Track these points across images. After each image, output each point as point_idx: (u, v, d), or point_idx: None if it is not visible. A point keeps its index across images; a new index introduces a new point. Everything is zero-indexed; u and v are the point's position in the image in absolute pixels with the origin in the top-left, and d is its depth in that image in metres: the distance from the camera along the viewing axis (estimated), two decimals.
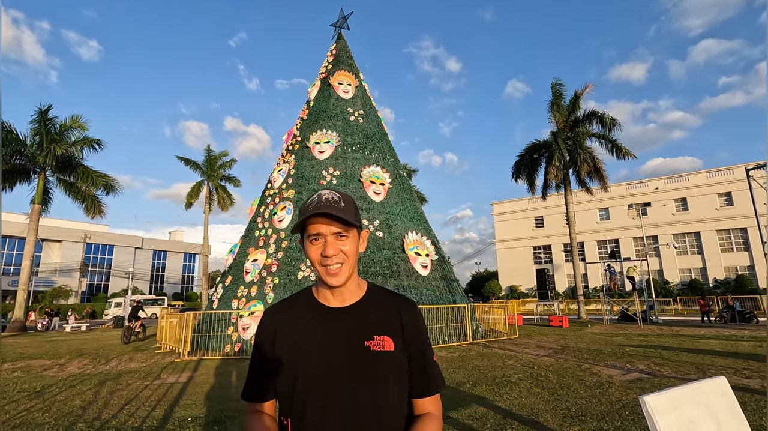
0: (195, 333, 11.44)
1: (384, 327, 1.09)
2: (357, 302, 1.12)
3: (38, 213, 22.80)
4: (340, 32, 18.77)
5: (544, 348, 10.83)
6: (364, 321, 1.08)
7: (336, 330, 1.07)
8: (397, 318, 1.11)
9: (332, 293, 1.10)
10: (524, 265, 46.26)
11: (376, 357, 1.04)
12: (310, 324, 1.08)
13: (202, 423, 4.86)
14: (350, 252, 1.06)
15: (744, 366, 7.61)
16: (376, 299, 1.15)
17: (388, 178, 14.59)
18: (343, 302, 1.11)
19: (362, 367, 1.03)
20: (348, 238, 1.06)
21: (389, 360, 1.05)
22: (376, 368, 1.03)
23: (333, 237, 1.04)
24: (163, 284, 56.36)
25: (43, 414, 5.38)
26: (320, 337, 1.06)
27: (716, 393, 1.99)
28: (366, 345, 1.05)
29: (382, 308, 1.12)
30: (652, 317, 19.64)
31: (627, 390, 5.89)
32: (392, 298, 1.17)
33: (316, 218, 1.03)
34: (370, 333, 1.06)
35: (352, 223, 1.05)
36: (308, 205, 1.06)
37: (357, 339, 1.05)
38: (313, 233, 1.05)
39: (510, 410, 5.06)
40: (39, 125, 22.07)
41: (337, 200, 1.05)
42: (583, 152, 21.95)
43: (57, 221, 45.20)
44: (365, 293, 1.15)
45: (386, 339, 1.07)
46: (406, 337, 1.09)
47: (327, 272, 1.05)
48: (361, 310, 1.11)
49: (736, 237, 36.96)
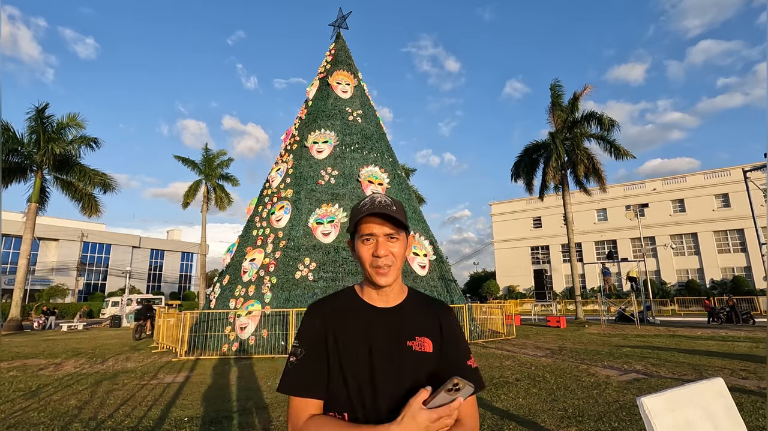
0: (192, 333, 11.40)
1: (424, 328, 1.13)
2: (400, 304, 1.15)
3: (35, 212, 22.71)
4: (339, 32, 18.76)
5: (542, 349, 10.84)
6: (406, 322, 1.12)
7: (381, 329, 1.10)
8: (436, 321, 1.15)
9: (378, 294, 1.13)
10: (522, 265, 46.31)
11: (417, 358, 1.08)
12: (356, 322, 1.10)
13: (199, 423, 4.84)
14: (399, 254, 1.10)
15: (741, 367, 7.63)
16: (418, 301, 1.19)
17: (387, 178, 14.58)
18: (387, 302, 1.14)
19: (406, 366, 1.06)
20: (398, 240, 1.10)
21: (428, 360, 1.09)
22: (417, 368, 1.07)
23: (385, 238, 1.08)
24: (161, 284, 56.20)
25: (39, 413, 5.35)
26: (367, 335, 1.08)
27: (713, 395, 1.99)
28: (408, 345, 1.08)
29: (423, 310, 1.16)
30: (649, 318, 19.70)
31: (624, 391, 5.90)
32: (432, 302, 1.22)
33: (370, 219, 1.07)
34: (412, 334, 1.10)
35: (404, 225, 1.09)
36: (362, 206, 1.10)
37: (400, 339, 1.09)
38: (365, 234, 1.08)
39: (507, 410, 5.06)
40: (36, 123, 21.97)
41: (389, 203, 1.09)
42: (581, 152, 21.99)
43: (54, 220, 45.02)
44: (407, 295, 1.18)
45: (426, 340, 1.11)
46: (445, 339, 1.14)
47: (377, 272, 1.08)
48: (404, 311, 1.14)
49: (733, 238, 37.10)
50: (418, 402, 0.96)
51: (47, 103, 21.95)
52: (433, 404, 0.95)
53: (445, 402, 0.95)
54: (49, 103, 21.97)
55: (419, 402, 0.96)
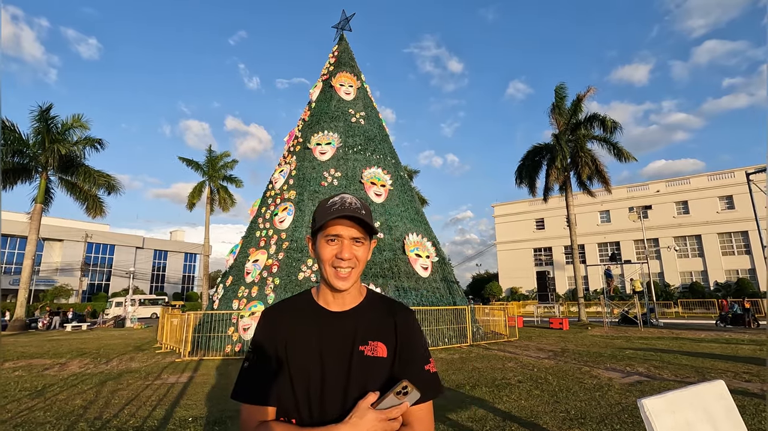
0: (195, 334, 11.46)
1: (379, 333, 1.09)
2: (355, 308, 1.12)
3: (40, 213, 22.85)
4: (342, 34, 18.82)
5: (544, 351, 10.83)
6: (360, 326, 1.09)
7: (333, 334, 1.07)
8: (391, 325, 1.12)
9: (333, 297, 1.11)
10: (525, 267, 46.23)
11: (369, 363, 1.05)
12: (308, 327, 1.09)
13: (202, 423, 4.87)
14: (362, 258, 1.08)
15: (744, 369, 7.61)
16: (374, 305, 1.16)
17: (389, 179, 14.61)
18: (342, 306, 1.11)
19: (355, 372, 1.03)
20: (363, 244, 1.09)
21: (381, 366, 1.06)
22: (368, 373, 1.04)
23: (350, 241, 1.06)
24: (164, 284, 56.39)
25: (45, 413, 5.40)
26: (318, 340, 1.06)
27: (714, 397, 2.01)
28: (360, 350, 1.06)
29: (378, 314, 1.13)
30: (652, 320, 19.63)
31: (626, 393, 5.90)
32: (389, 305, 1.17)
33: (338, 220, 1.05)
34: (364, 338, 1.07)
35: (371, 230, 1.08)
36: (330, 206, 1.07)
37: (352, 344, 1.06)
38: (332, 234, 1.06)
39: (509, 412, 5.07)
40: (40, 123, 22.07)
41: (359, 207, 1.08)
42: (584, 154, 21.96)
43: (58, 221, 45.25)
44: (364, 298, 1.16)
45: (380, 344, 1.08)
46: (399, 344, 1.10)
47: (337, 274, 1.06)
48: (358, 315, 1.11)
49: (737, 240, 36.93)
50: (366, 403, 0.97)
51: (51, 104, 21.99)
52: (381, 406, 0.96)
53: (393, 405, 0.96)
54: (53, 104, 22.07)
55: (368, 403, 0.97)
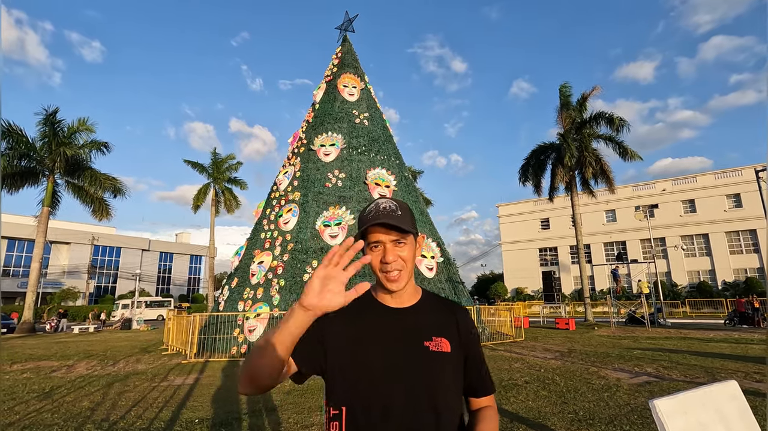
0: (201, 335, 11.49)
1: (441, 329, 1.13)
2: (415, 305, 1.16)
3: (47, 216, 23.04)
4: (346, 35, 18.85)
5: (551, 351, 10.77)
6: (422, 323, 1.12)
7: (396, 328, 1.10)
8: (453, 322, 1.16)
9: (391, 297, 1.14)
10: (530, 267, 46.03)
11: (435, 358, 1.08)
12: (370, 320, 1.11)
13: (209, 424, 4.88)
14: (408, 258, 1.09)
15: (755, 369, 7.52)
16: (433, 302, 1.19)
17: (394, 180, 14.60)
18: (401, 303, 1.14)
19: (421, 367, 1.06)
20: (406, 244, 1.09)
21: (446, 360, 1.09)
22: (435, 368, 1.07)
23: (392, 244, 1.08)
24: (170, 286, 56.71)
25: (53, 415, 5.43)
26: (381, 333, 1.09)
27: (727, 397, 1.98)
28: (425, 345, 1.09)
29: (438, 311, 1.17)
30: (660, 320, 19.47)
31: (635, 394, 5.85)
32: (447, 303, 1.22)
33: (375, 227, 1.07)
34: (428, 334, 1.10)
35: (408, 230, 1.08)
36: (367, 214, 1.09)
37: (416, 339, 1.09)
38: (373, 241, 1.08)
39: (517, 413, 5.04)
40: (46, 127, 22.25)
41: (394, 209, 1.09)
42: (588, 154, 21.84)
43: (65, 224, 45.67)
44: (421, 296, 1.19)
45: (443, 340, 1.11)
46: (463, 340, 1.15)
47: (387, 278, 1.08)
48: (419, 312, 1.14)
49: (745, 239, 36.55)
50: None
51: (57, 108, 22.15)
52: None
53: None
54: (59, 108, 22.22)
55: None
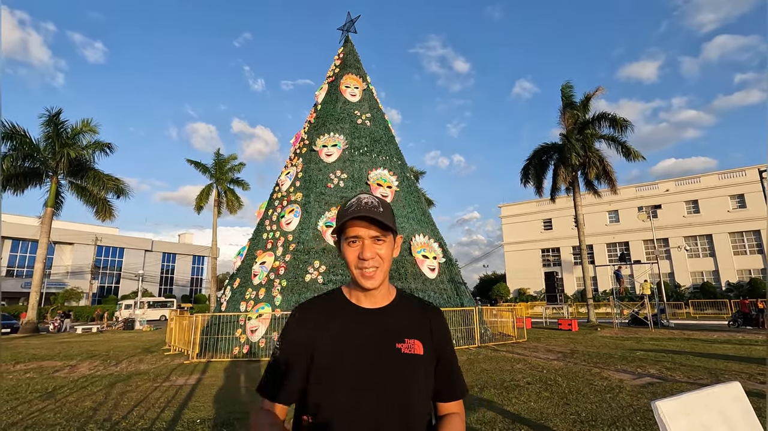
0: (203, 335, 11.51)
1: (414, 331, 1.11)
2: (388, 305, 1.13)
3: (51, 216, 23.15)
4: (348, 36, 18.87)
5: (553, 352, 10.73)
6: (395, 324, 1.10)
7: (368, 330, 1.08)
8: (426, 323, 1.14)
9: (365, 296, 1.12)
10: (532, 268, 45.93)
11: (407, 360, 1.06)
12: (342, 323, 1.09)
13: (211, 424, 4.88)
14: (386, 256, 1.08)
15: (758, 371, 7.47)
16: (406, 303, 1.17)
17: (396, 181, 14.60)
18: (374, 304, 1.12)
19: (393, 368, 1.04)
20: (385, 242, 1.08)
21: (419, 363, 1.07)
22: (406, 370, 1.05)
23: (371, 241, 1.06)
24: (173, 287, 56.84)
25: (55, 414, 5.44)
26: (353, 336, 1.07)
27: (730, 399, 1.96)
28: (397, 347, 1.07)
29: (412, 312, 1.15)
30: (663, 321, 19.38)
31: (638, 395, 5.82)
32: (422, 303, 1.20)
33: (356, 221, 1.05)
34: (401, 336, 1.08)
35: (389, 227, 1.07)
36: (348, 208, 1.08)
37: (389, 341, 1.07)
38: (351, 236, 1.07)
39: (519, 414, 5.02)
40: (50, 128, 22.36)
41: (376, 205, 1.08)
42: (592, 154, 21.78)
43: (68, 224, 45.85)
44: (395, 297, 1.17)
45: (416, 342, 1.09)
46: (435, 342, 1.12)
47: (363, 274, 1.06)
48: (392, 313, 1.12)
49: (749, 240, 36.36)
50: None
51: (60, 109, 22.24)
52: None
53: None
54: (62, 109, 22.32)
55: None
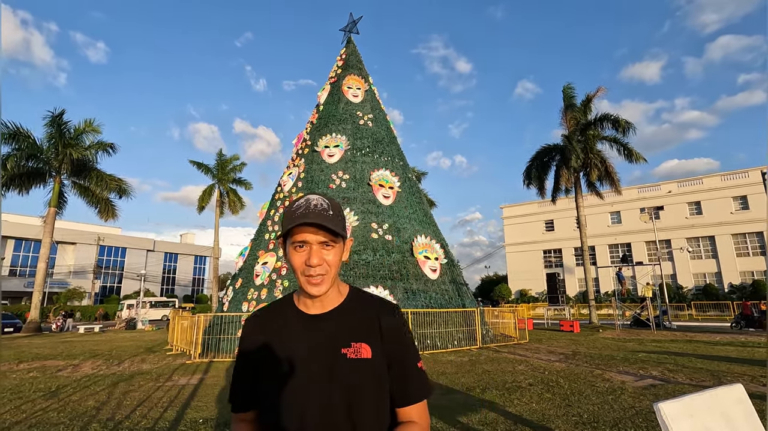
0: (206, 335, 11.54)
1: (362, 333, 1.05)
2: (335, 309, 1.09)
3: (53, 216, 23.22)
4: (350, 36, 18.91)
5: (555, 353, 10.72)
6: (341, 328, 1.05)
7: (314, 337, 1.04)
8: (375, 324, 1.07)
9: (312, 302, 1.08)
10: (534, 269, 45.86)
11: (353, 365, 1.01)
12: (289, 332, 1.06)
13: (213, 424, 4.89)
14: (333, 263, 1.03)
15: (761, 373, 7.45)
16: (356, 304, 1.11)
17: (397, 181, 14.61)
18: (322, 308, 1.08)
19: (339, 375, 1.00)
20: (333, 248, 1.03)
21: (366, 367, 1.02)
22: (352, 376, 1.00)
23: (319, 246, 1.01)
24: (174, 287, 56.91)
25: (59, 414, 5.47)
26: (299, 345, 1.04)
27: (733, 401, 1.97)
28: (343, 352, 1.02)
29: (360, 313, 1.09)
30: (665, 323, 19.33)
31: (640, 397, 5.81)
32: (372, 302, 1.13)
33: (303, 226, 1.00)
34: (347, 340, 1.03)
35: (339, 234, 1.02)
36: (295, 210, 1.02)
37: (334, 347, 1.03)
38: (298, 241, 1.01)
39: (521, 416, 5.02)
40: (53, 129, 22.42)
41: (326, 208, 1.02)
42: (593, 155, 21.75)
43: (71, 224, 45.98)
44: (345, 298, 1.12)
45: (363, 346, 1.03)
46: (385, 343, 1.06)
47: (309, 281, 1.02)
48: (339, 317, 1.08)
49: (752, 241, 36.23)
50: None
51: (63, 110, 22.26)
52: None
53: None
54: (65, 110, 22.42)
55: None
